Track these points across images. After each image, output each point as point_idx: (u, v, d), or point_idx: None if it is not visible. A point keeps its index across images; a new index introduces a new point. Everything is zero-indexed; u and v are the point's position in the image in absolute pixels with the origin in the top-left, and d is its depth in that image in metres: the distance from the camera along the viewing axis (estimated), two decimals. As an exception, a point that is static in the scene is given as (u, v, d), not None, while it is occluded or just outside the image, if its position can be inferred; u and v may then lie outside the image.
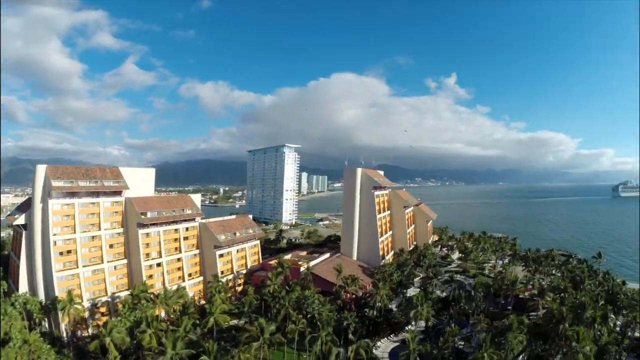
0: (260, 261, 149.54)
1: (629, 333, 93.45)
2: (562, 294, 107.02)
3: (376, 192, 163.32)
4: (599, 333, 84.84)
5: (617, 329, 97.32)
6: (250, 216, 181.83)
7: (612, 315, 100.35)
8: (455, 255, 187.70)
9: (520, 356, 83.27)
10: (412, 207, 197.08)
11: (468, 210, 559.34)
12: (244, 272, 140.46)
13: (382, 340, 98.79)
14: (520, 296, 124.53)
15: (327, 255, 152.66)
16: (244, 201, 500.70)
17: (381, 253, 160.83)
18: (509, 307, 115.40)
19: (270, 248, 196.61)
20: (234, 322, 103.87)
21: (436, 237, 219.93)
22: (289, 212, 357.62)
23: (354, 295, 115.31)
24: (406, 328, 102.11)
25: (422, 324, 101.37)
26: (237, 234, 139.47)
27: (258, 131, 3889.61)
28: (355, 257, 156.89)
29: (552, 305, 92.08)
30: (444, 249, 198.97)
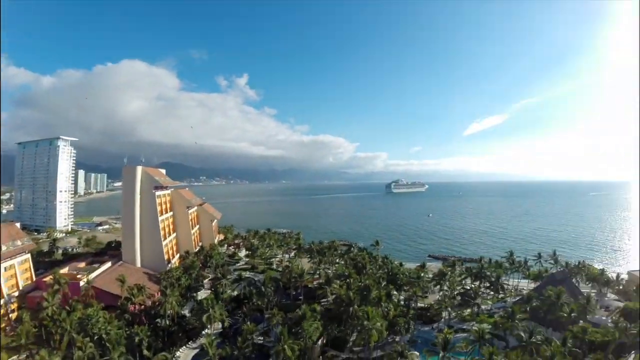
0: (34, 279, 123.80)
1: (412, 305, 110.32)
2: (348, 280, 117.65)
3: (158, 193, 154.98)
4: (386, 309, 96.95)
5: (402, 302, 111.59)
6: (18, 224, 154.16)
7: (395, 292, 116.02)
8: (243, 252, 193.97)
9: (320, 340, 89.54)
10: (195, 207, 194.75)
11: (253, 207, 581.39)
12: (16, 294, 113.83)
13: (180, 350, 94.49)
14: (310, 286, 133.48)
15: (109, 264, 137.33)
16: (12, 205, 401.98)
17: (166, 257, 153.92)
18: (300, 298, 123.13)
19: (44, 261, 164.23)
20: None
21: (222, 237, 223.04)
22: (64, 217, 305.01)
23: (142, 306, 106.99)
24: (203, 333, 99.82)
25: (219, 325, 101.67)
26: (3, 248, 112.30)
27: (34, 119, 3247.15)
28: (139, 263, 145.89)
29: (340, 291, 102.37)
30: (231, 248, 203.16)
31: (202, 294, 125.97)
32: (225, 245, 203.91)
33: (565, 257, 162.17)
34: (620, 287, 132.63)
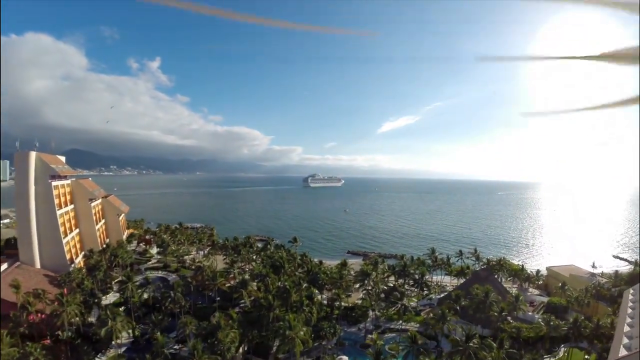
0: None
1: (337, 305, 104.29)
2: (266, 280, 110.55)
3: (55, 182, 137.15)
4: (309, 314, 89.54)
5: (325, 303, 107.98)
6: None
7: (317, 291, 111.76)
8: (155, 249, 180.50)
9: (240, 349, 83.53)
10: (100, 200, 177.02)
11: (165, 200, 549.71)
12: None
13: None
14: (228, 285, 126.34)
15: (5, 266, 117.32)
16: None
17: (68, 257, 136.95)
18: (217, 300, 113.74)
19: None
20: None
21: (132, 232, 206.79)
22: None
23: (42, 315, 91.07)
24: (112, 343, 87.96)
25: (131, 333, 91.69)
26: None
27: None
28: (38, 264, 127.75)
29: (258, 294, 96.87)
30: (141, 244, 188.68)
31: (112, 297, 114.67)
32: (136, 242, 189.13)
33: (483, 253, 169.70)
34: (540, 282, 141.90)
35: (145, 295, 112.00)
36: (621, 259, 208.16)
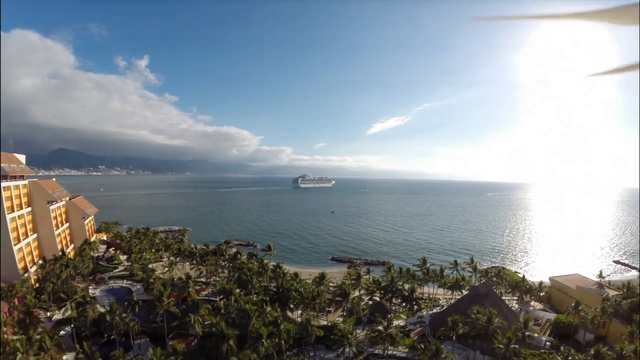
0: None
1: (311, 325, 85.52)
2: (229, 297, 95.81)
3: (6, 183, 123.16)
4: (273, 346, 71.43)
5: (298, 321, 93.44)
6: None
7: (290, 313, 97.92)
8: (125, 256, 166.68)
9: None
10: (63, 201, 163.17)
11: (150, 201, 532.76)
12: None
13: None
14: (203, 294, 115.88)
15: None
16: None
17: (21, 265, 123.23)
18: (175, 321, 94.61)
19: None
20: None
21: (102, 236, 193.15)
22: None
23: None
24: None
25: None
26: None
27: None
28: None
29: (212, 318, 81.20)
30: (111, 249, 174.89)
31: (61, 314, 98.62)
32: (106, 247, 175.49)
33: (476, 257, 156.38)
34: (542, 294, 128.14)
35: (103, 309, 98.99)
36: (622, 264, 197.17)
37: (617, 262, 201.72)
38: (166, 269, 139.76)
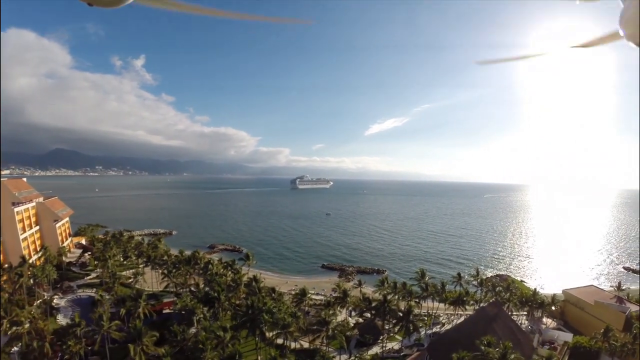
0: None
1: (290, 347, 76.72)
2: (191, 317, 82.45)
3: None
4: None
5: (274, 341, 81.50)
6: None
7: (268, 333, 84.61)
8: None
9: None
10: (33, 203, 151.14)
11: (136, 202, 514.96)
12: None
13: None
14: (166, 311, 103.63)
15: None
16: None
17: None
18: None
19: None
20: None
21: (79, 240, 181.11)
22: None
23: None
24: None
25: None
26: None
27: None
28: None
29: (157, 350, 67.64)
30: (86, 254, 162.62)
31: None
32: (81, 251, 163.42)
33: (474, 262, 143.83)
34: (555, 308, 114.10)
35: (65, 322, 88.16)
36: (634, 271, 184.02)
37: (628, 269, 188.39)
38: (130, 279, 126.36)
